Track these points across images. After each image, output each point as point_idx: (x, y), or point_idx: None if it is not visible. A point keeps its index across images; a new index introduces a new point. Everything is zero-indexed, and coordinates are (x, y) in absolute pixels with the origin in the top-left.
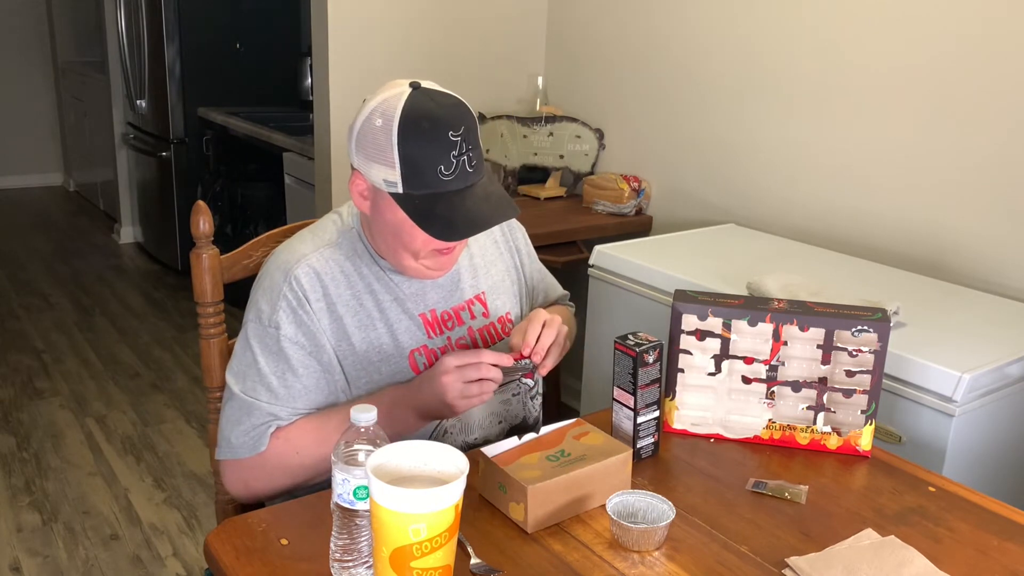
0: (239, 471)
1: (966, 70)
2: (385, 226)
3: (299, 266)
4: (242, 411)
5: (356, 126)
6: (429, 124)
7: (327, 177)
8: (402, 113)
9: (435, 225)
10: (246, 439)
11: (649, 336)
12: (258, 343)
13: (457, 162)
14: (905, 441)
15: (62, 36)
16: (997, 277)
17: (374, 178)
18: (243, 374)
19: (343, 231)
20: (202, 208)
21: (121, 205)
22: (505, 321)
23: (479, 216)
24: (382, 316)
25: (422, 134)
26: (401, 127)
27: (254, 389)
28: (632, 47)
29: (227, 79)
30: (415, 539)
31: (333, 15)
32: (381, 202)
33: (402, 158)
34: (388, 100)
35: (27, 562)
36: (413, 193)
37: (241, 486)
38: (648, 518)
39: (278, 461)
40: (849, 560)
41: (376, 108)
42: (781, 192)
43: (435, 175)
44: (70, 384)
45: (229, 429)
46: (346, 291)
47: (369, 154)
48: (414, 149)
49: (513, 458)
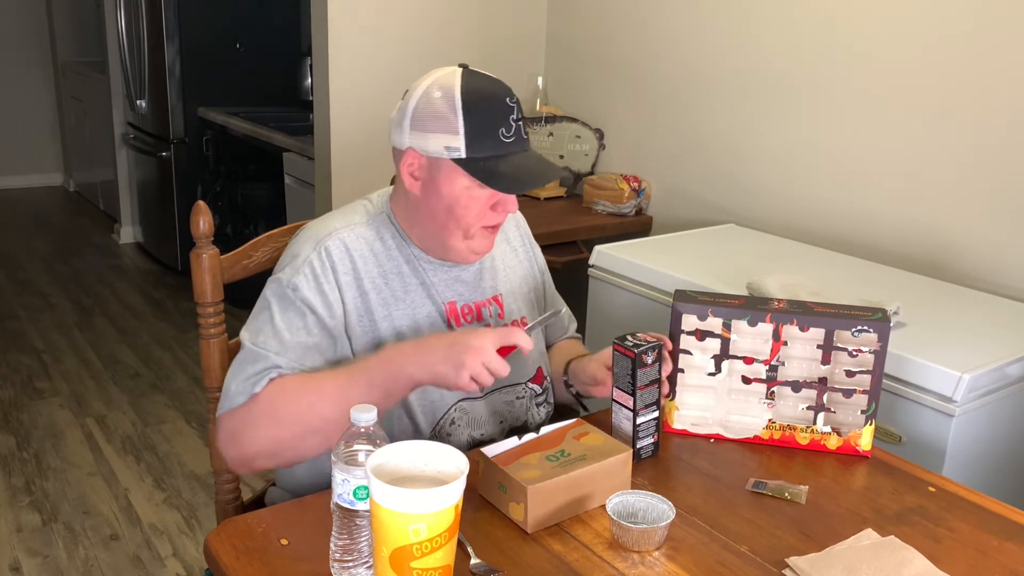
0: (231, 424)
1: (966, 70)
2: (438, 202)
3: (330, 239)
4: (248, 361)
5: (410, 106)
6: (488, 92)
7: (327, 177)
8: (461, 84)
9: (501, 181)
10: (245, 385)
11: (648, 336)
12: (276, 301)
13: (515, 126)
14: (905, 441)
15: (62, 36)
16: (997, 277)
17: (433, 148)
18: (258, 329)
19: (374, 214)
20: (202, 208)
21: (121, 205)
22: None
23: (538, 172)
24: (407, 298)
25: (484, 100)
26: (464, 94)
27: (265, 342)
28: (632, 47)
29: (227, 79)
30: (415, 539)
31: (333, 15)
32: (437, 176)
33: (466, 122)
34: (442, 77)
35: (27, 562)
36: (476, 156)
37: (229, 442)
38: (648, 518)
39: (268, 405)
40: (849, 560)
41: (432, 84)
42: (781, 192)
43: (497, 137)
44: (70, 384)
45: (231, 378)
46: (374, 269)
47: (427, 126)
48: (477, 113)
49: (513, 458)
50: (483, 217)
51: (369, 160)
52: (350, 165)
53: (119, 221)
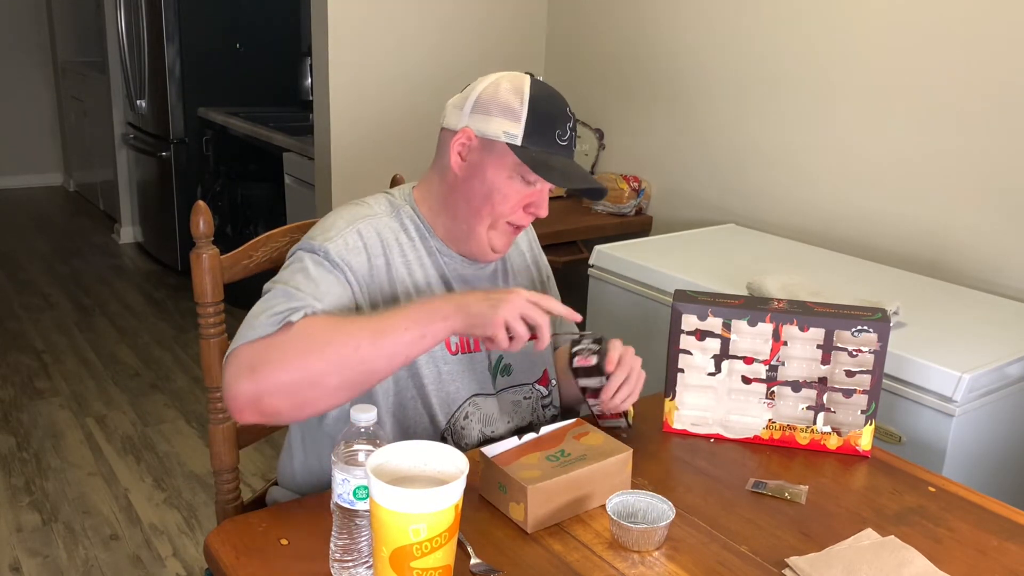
0: (251, 355)
1: (966, 70)
2: (479, 186)
3: (364, 222)
4: (280, 298)
5: (476, 91)
6: (554, 97)
7: (327, 177)
8: (531, 84)
9: (554, 174)
10: (277, 317)
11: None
12: (309, 257)
13: (570, 134)
14: (905, 441)
15: (62, 36)
16: (997, 277)
17: (492, 131)
18: (289, 277)
19: (397, 206)
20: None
21: (121, 205)
22: None
23: (587, 176)
24: (429, 290)
25: (549, 102)
26: (533, 92)
27: (299, 285)
28: (632, 47)
29: (227, 79)
30: (415, 539)
31: (333, 15)
32: (487, 158)
33: (530, 114)
34: (512, 75)
35: (27, 562)
36: (531, 147)
37: (247, 375)
38: (648, 518)
39: (302, 332)
40: (849, 560)
41: (502, 77)
42: (781, 192)
43: (553, 136)
44: (70, 384)
45: (257, 312)
46: (398, 258)
47: (491, 110)
48: (541, 111)
49: (513, 458)
50: (515, 212)
51: (369, 159)
52: (350, 165)
53: (119, 221)
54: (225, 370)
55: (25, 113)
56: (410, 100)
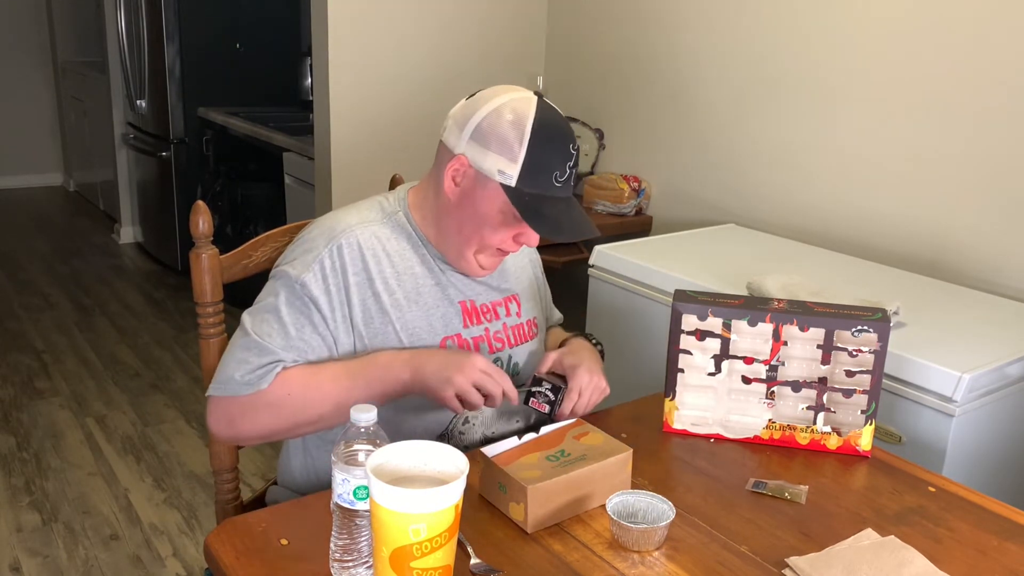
0: (229, 408)
1: (966, 70)
2: (471, 215)
3: (344, 236)
4: (252, 351)
5: (477, 115)
6: (558, 133)
7: (327, 177)
8: (536, 115)
9: (544, 224)
10: (251, 377)
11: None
12: (285, 291)
13: (569, 173)
14: (905, 441)
15: (62, 36)
16: (997, 277)
17: (487, 167)
18: (262, 318)
19: (389, 212)
20: (202, 208)
21: (121, 205)
22: (532, 324)
23: (581, 224)
24: (420, 298)
25: (551, 140)
26: (535, 129)
27: (269, 334)
28: (632, 47)
29: (227, 79)
30: (415, 539)
31: (333, 15)
32: (479, 191)
33: (528, 155)
34: (518, 100)
35: (27, 562)
36: (524, 190)
37: (224, 424)
38: (648, 518)
39: (271, 400)
40: (849, 560)
41: (506, 104)
42: (781, 192)
43: (550, 179)
44: (70, 384)
45: (235, 367)
46: (388, 268)
47: (489, 144)
48: (541, 151)
49: (513, 458)
50: (504, 242)
51: (369, 160)
52: (350, 165)
53: (119, 221)
54: (207, 410)
55: (25, 113)
56: (410, 100)
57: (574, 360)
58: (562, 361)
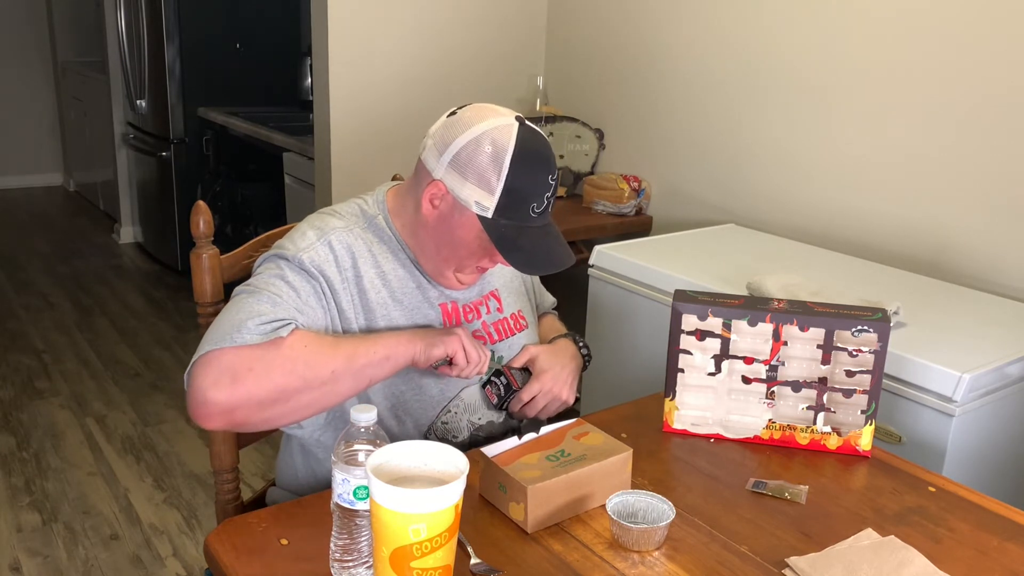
0: (234, 362)
1: (966, 70)
2: (447, 237)
3: (334, 234)
4: (265, 303)
5: (457, 143)
6: (538, 165)
7: (327, 177)
8: (515, 148)
9: (519, 256)
10: (267, 327)
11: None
12: (286, 264)
13: (547, 203)
14: (905, 441)
15: (62, 36)
16: (997, 277)
17: (464, 197)
18: (267, 282)
19: (370, 216)
20: (202, 208)
21: (121, 205)
22: (517, 317)
23: (555, 256)
24: (404, 300)
25: (529, 172)
26: (514, 161)
27: (280, 291)
28: (632, 47)
29: (227, 79)
30: (415, 539)
31: (333, 15)
32: (457, 217)
33: (505, 189)
34: (499, 129)
35: (27, 562)
36: (501, 221)
37: (227, 382)
38: (648, 518)
39: (289, 353)
40: (849, 560)
41: (486, 134)
42: (781, 192)
43: (527, 211)
44: (70, 384)
45: (246, 316)
46: (372, 269)
47: (467, 175)
48: (519, 184)
49: (513, 458)
50: (481, 261)
51: (369, 160)
52: (350, 165)
53: (119, 221)
54: (198, 372)
55: (25, 113)
56: (410, 100)
57: (547, 365)
58: (536, 360)
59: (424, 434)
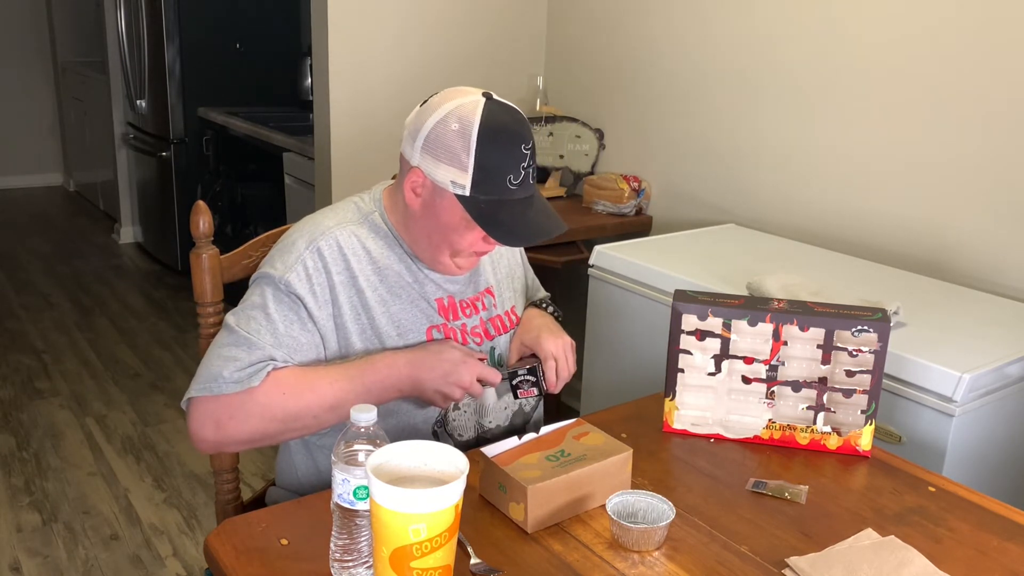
0: (216, 410)
1: (966, 69)
2: (435, 223)
3: (323, 238)
4: (241, 348)
5: (426, 127)
6: (506, 135)
7: (327, 177)
8: (481, 121)
9: (499, 230)
10: (241, 375)
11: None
12: (271, 291)
13: (524, 173)
14: (905, 441)
15: (62, 36)
16: (997, 277)
17: (440, 178)
18: (248, 316)
19: (366, 213)
20: (202, 208)
21: (121, 205)
22: (511, 314)
23: (538, 226)
24: (403, 294)
25: (499, 144)
26: (480, 135)
27: (258, 331)
28: (632, 47)
29: (227, 79)
30: (415, 539)
31: (333, 15)
32: (439, 201)
33: (476, 164)
34: (464, 106)
35: (27, 562)
36: (479, 197)
37: (211, 427)
38: (648, 518)
39: (264, 400)
40: (849, 560)
41: (452, 112)
42: (781, 192)
43: (504, 183)
44: (70, 384)
45: (222, 365)
46: (368, 266)
47: (439, 156)
48: (489, 157)
49: (513, 458)
50: (475, 245)
51: (369, 160)
52: (350, 165)
53: (119, 221)
54: (189, 414)
55: (25, 113)
56: (410, 100)
57: (531, 335)
58: (522, 343)
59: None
